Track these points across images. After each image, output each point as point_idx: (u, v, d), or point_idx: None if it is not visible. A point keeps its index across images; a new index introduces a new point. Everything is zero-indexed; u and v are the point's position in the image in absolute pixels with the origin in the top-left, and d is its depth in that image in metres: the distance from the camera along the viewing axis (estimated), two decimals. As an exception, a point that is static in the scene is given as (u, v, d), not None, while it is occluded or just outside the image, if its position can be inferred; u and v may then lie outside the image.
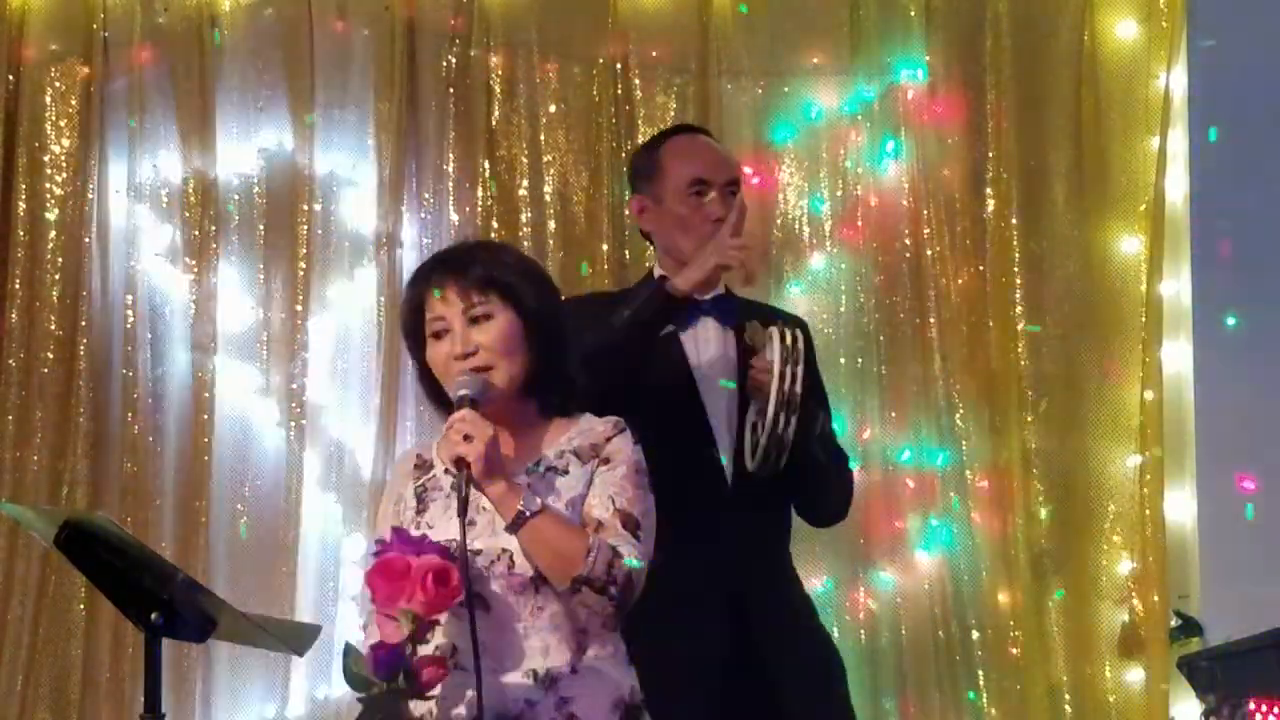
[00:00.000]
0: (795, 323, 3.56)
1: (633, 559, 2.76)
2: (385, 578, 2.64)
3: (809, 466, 3.41)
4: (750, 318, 3.49)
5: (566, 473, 2.83)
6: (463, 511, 2.66)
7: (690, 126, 3.83)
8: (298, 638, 2.90)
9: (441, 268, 2.88)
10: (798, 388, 3.26)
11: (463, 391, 2.76)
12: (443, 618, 2.66)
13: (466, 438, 2.69)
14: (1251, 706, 3.80)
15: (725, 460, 3.42)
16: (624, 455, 2.85)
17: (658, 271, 3.52)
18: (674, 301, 3.32)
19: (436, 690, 2.69)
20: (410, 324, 2.89)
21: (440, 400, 2.89)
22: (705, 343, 3.48)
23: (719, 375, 3.45)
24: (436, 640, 2.70)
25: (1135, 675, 4.79)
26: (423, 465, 2.92)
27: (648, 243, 3.72)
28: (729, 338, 3.49)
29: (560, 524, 2.75)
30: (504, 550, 2.75)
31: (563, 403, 2.90)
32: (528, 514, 2.71)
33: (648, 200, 3.54)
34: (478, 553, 2.74)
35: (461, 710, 2.73)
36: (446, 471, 2.84)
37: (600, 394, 3.04)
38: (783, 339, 3.30)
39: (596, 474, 2.83)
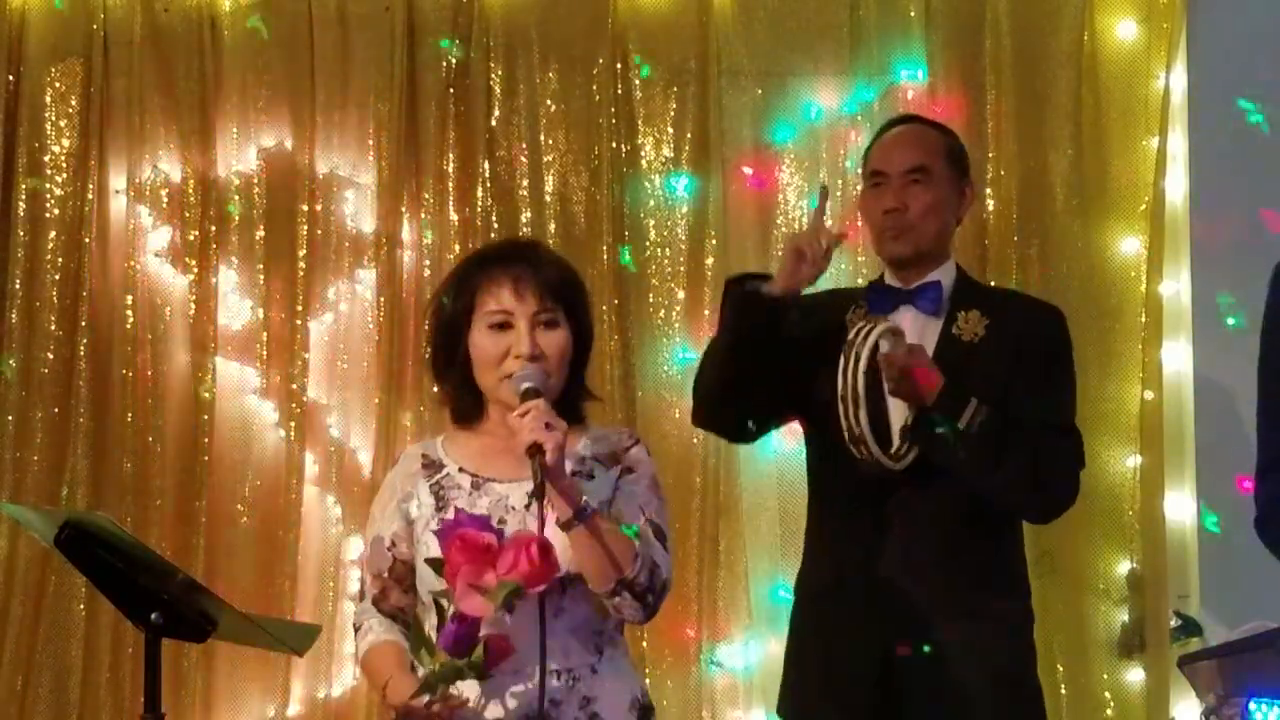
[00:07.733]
0: (1049, 311, 3.52)
1: (666, 568, 2.80)
2: (469, 551, 2.63)
3: (950, 462, 3.31)
4: (975, 304, 3.43)
5: (592, 477, 2.86)
6: (540, 496, 2.65)
7: (902, 118, 3.74)
8: (298, 638, 2.91)
9: (517, 261, 2.89)
10: (854, 379, 3.20)
11: (528, 384, 2.77)
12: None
13: (547, 426, 2.68)
14: (1251, 706, 3.80)
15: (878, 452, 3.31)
16: (645, 466, 2.91)
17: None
18: (762, 301, 3.29)
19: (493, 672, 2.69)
20: (461, 303, 2.87)
21: (454, 378, 2.89)
22: None
23: None
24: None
25: (1135, 675, 4.79)
26: (432, 465, 2.91)
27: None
28: (931, 326, 3.42)
29: (612, 526, 2.77)
30: None
31: (579, 412, 2.93)
32: (589, 510, 2.72)
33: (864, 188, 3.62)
34: None
35: (498, 707, 2.74)
36: (461, 470, 2.86)
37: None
38: (854, 331, 3.26)
39: (622, 482, 2.87)
